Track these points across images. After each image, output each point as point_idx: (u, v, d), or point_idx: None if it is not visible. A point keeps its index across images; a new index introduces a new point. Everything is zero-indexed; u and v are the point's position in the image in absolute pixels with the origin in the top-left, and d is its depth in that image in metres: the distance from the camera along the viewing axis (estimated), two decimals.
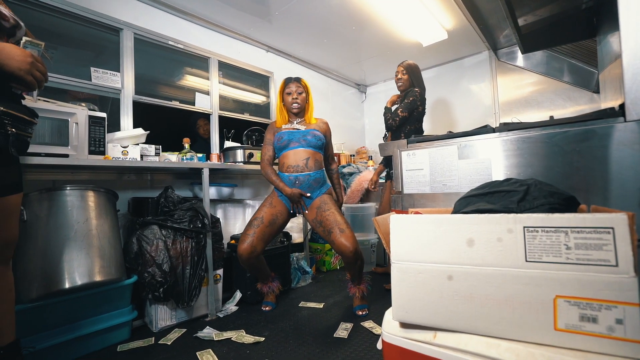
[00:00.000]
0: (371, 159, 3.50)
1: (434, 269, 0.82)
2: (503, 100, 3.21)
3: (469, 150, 1.14)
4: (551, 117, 1.04)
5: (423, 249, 0.84)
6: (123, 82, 1.99)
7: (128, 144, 1.69)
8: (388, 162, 2.46)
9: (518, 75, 3.12)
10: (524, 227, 0.74)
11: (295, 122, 1.99)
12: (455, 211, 0.93)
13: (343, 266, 2.98)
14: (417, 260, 0.84)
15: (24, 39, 0.98)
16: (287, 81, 1.98)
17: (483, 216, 0.78)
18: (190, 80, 2.41)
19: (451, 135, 1.19)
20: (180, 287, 1.73)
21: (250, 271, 1.94)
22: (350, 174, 3.11)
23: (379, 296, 2.13)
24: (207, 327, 1.74)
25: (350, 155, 3.64)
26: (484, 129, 1.11)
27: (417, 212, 1.00)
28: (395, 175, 1.31)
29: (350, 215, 2.89)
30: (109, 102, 1.99)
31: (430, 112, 3.56)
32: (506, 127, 1.07)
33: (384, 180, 2.71)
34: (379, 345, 1.03)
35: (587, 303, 0.68)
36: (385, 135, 2.50)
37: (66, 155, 1.43)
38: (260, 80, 2.96)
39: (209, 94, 2.47)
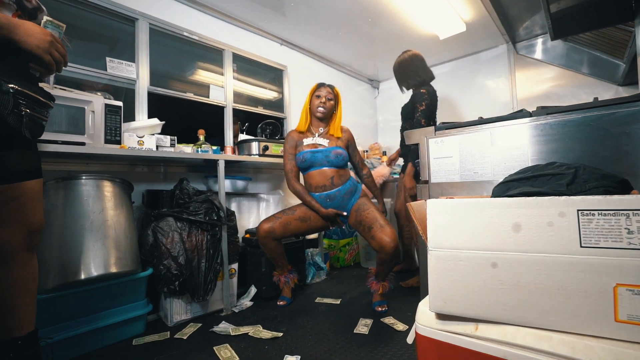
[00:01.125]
0: (385, 155, 3.44)
1: (477, 256, 0.77)
2: (522, 95, 3.13)
3: (503, 137, 1.08)
4: (595, 98, 0.98)
5: (464, 235, 0.78)
6: (138, 72, 1.97)
7: (144, 134, 1.66)
8: (406, 153, 2.41)
9: (537, 69, 3.04)
10: (578, 210, 0.68)
11: (317, 133, 1.96)
12: (495, 197, 0.88)
13: (358, 262, 2.93)
14: (457, 247, 0.79)
15: (45, 18, 0.95)
16: (320, 85, 1.97)
17: (531, 199, 0.72)
18: (204, 73, 2.39)
19: (483, 121, 1.13)
20: (196, 281, 1.69)
21: (267, 253, 1.91)
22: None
23: (397, 293, 2.07)
24: (223, 321, 1.70)
25: (364, 152, 3.58)
26: (520, 114, 1.06)
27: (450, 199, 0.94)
28: (422, 164, 1.26)
29: None
30: (123, 94, 1.97)
31: (445, 109, 3.48)
32: (544, 111, 1.01)
33: (397, 175, 2.66)
34: (410, 339, 0.97)
35: None
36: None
37: (82, 144, 1.40)
38: (273, 74, 2.92)
39: (223, 87, 2.44)
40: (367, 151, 3.64)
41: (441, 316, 0.83)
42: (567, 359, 0.66)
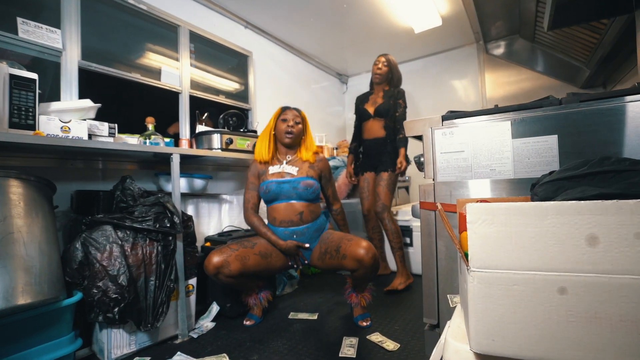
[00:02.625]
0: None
1: (538, 279, 0.58)
2: (490, 96, 3.15)
3: (526, 128, 0.92)
4: (637, 84, 0.86)
5: (520, 252, 0.59)
6: (65, 42, 1.56)
7: (71, 119, 1.28)
8: (355, 151, 2.46)
9: (505, 70, 3.07)
10: None
11: (285, 160, 1.71)
12: (543, 199, 0.70)
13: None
14: (510, 268, 0.59)
15: None
16: (284, 108, 1.74)
17: (611, 203, 0.55)
18: (155, 54, 2.01)
19: (501, 109, 0.97)
20: (142, 304, 1.35)
21: (224, 286, 1.61)
22: (336, 168, 2.85)
23: (378, 302, 1.89)
24: (178, 353, 1.38)
25: (333, 149, 3.39)
26: (547, 101, 0.90)
27: (483, 201, 0.75)
28: (427, 159, 1.07)
29: None
30: (45, 68, 1.54)
31: (415, 106, 3.41)
32: (576, 98, 0.86)
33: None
34: None
35: None
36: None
37: None
38: (237, 60, 2.60)
39: (179, 70, 2.08)
40: (336, 148, 3.45)
41: (484, 357, 0.63)
42: None
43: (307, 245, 1.61)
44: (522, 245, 0.59)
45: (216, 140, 1.83)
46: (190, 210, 1.84)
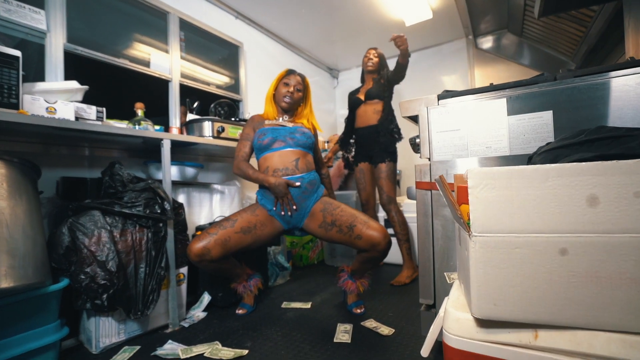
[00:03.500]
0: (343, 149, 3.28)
1: (539, 241, 0.58)
2: None
3: (522, 104, 0.93)
4: (631, 58, 0.87)
5: (521, 215, 0.59)
6: (49, 23, 1.50)
7: (57, 100, 1.23)
8: (344, 144, 2.44)
9: (495, 65, 3.12)
10: None
11: (281, 119, 1.69)
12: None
13: (322, 260, 2.71)
14: (512, 231, 0.59)
15: None
16: (289, 72, 1.70)
17: (611, 163, 0.55)
18: (144, 40, 1.96)
19: (496, 87, 0.98)
20: (132, 292, 1.31)
21: (211, 273, 1.58)
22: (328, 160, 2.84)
23: (370, 292, 1.88)
24: (170, 341, 1.35)
25: (325, 142, 3.38)
26: (542, 77, 0.92)
27: None
28: (423, 138, 1.07)
29: None
30: (28, 50, 1.48)
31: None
32: (571, 74, 0.88)
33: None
34: (425, 352, 0.77)
35: None
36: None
37: None
38: (228, 51, 2.56)
39: (169, 57, 2.03)
40: (327, 142, 3.44)
41: (484, 323, 0.63)
42: None
43: (297, 183, 1.51)
44: (523, 208, 0.59)
45: (207, 128, 1.80)
46: (181, 199, 1.80)
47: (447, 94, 1.04)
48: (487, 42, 3.13)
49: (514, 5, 2.46)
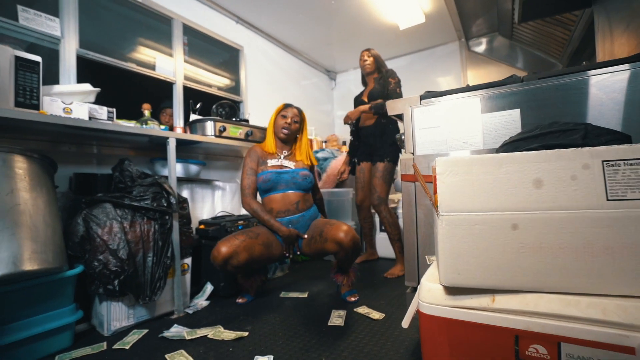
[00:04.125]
0: (345, 144, 3.39)
1: (494, 218, 0.68)
2: None
3: (493, 103, 1.04)
4: (585, 62, 0.98)
5: (480, 195, 0.70)
6: (63, 30, 1.61)
7: (72, 101, 1.34)
8: (353, 149, 2.44)
9: (486, 66, 3.23)
10: (603, 161, 0.63)
11: (282, 154, 1.80)
12: None
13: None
14: (472, 210, 0.70)
15: None
16: (287, 105, 1.84)
17: (553, 152, 0.66)
18: (150, 46, 2.07)
19: (471, 88, 1.08)
20: (141, 279, 1.42)
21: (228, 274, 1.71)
22: (325, 159, 2.95)
23: (365, 283, 1.99)
24: (175, 325, 1.45)
25: (322, 142, 3.49)
26: (510, 79, 1.02)
27: None
28: (407, 135, 1.17)
29: (325, 201, 2.72)
30: (44, 55, 1.59)
31: None
32: (536, 75, 0.98)
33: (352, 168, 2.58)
34: (406, 323, 0.87)
35: None
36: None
37: None
38: (229, 55, 2.67)
39: (173, 61, 2.14)
40: (325, 142, 3.55)
41: (451, 291, 0.74)
42: (599, 322, 0.60)
43: (305, 235, 1.67)
44: (481, 190, 0.70)
45: (210, 127, 1.90)
46: (185, 195, 1.91)
47: (429, 94, 1.14)
48: (479, 45, 3.24)
49: (503, 10, 2.57)
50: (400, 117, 1.21)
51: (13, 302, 1.12)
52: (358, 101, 2.35)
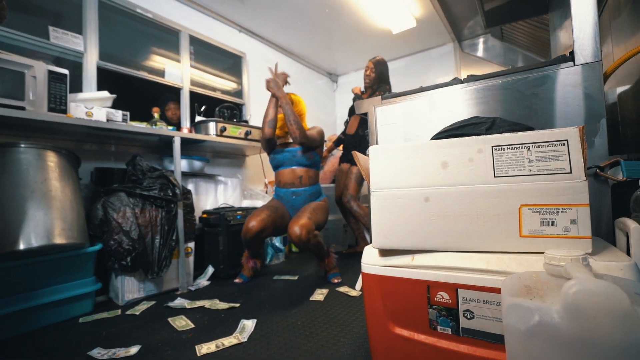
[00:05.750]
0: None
1: (412, 193, 0.86)
2: None
3: (440, 102, 1.21)
4: (512, 66, 1.13)
5: (401, 175, 0.88)
6: (86, 45, 1.88)
7: (93, 106, 1.59)
8: (339, 142, 2.81)
9: (480, 67, 3.34)
10: (492, 146, 0.80)
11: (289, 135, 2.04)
12: None
13: None
14: (395, 186, 0.88)
15: None
16: None
17: (456, 139, 0.84)
18: (159, 56, 2.33)
19: (423, 89, 1.25)
20: (150, 257, 1.65)
21: (248, 248, 1.94)
22: (325, 157, 3.14)
23: (353, 268, 2.17)
24: (179, 298, 1.68)
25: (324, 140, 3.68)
26: (453, 81, 1.19)
27: None
28: (371, 131, 1.35)
29: None
30: (71, 68, 1.86)
31: None
32: (472, 78, 1.15)
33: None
34: (358, 286, 1.05)
35: (547, 209, 0.75)
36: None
37: (22, 108, 1.32)
38: (232, 61, 2.91)
39: (180, 69, 2.40)
40: (326, 141, 3.74)
41: (383, 253, 0.92)
42: (483, 271, 0.77)
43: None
44: (402, 171, 0.88)
45: (212, 127, 2.13)
46: (190, 188, 2.14)
47: (388, 95, 1.32)
48: (472, 46, 3.36)
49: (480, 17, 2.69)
50: (365, 115, 1.39)
51: (46, 270, 1.37)
52: (351, 107, 2.62)
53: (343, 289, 1.75)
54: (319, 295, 1.67)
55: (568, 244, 0.73)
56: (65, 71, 1.47)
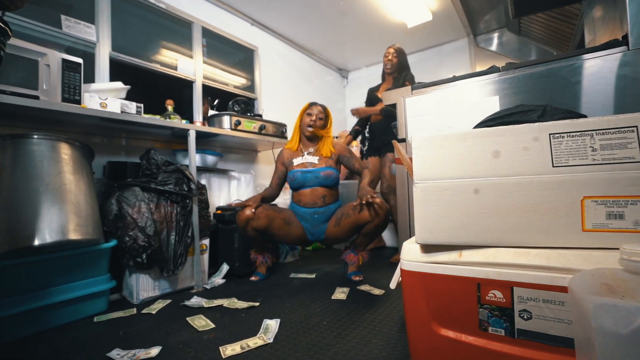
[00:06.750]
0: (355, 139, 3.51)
1: (460, 184, 0.80)
2: None
3: (476, 91, 1.15)
4: (555, 52, 1.07)
5: (448, 166, 0.82)
6: (98, 35, 1.83)
7: (107, 97, 1.54)
8: (357, 134, 2.64)
9: (494, 61, 3.27)
10: (550, 134, 0.74)
11: (306, 151, 1.95)
12: None
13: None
14: (441, 178, 0.82)
15: None
16: (312, 104, 1.98)
17: (508, 127, 0.77)
18: (172, 47, 2.27)
19: (456, 78, 1.19)
20: (165, 254, 1.60)
21: (248, 239, 1.87)
22: None
23: (369, 267, 2.11)
24: (195, 296, 1.63)
25: (334, 137, 3.62)
26: (490, 69, 1.13)
27: None
28: (400, 123, 1.30)
29: None
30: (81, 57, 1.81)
31: None
32: (512, 66, 1.08)
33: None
34: (393, 284, 1.00)
35: (614, 201, 0.69)
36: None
37: (36, 97, 1.27)
38: (244, 55, 2.85)
39: (192, 61, 2.34)
40: (337, 137, 3.68)
41: (426, 249, 0.86)
42: (543, 268, 0.71)
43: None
44: (449, 161, 0.82)
45: (226, 121, 2.08)
46: (203, 183, 2.09)
47: (419, 85, 1.26)
48: (487, 41, 3.29)
49: (507, 6, 2.62)
50: (394, 106, 1.33)
51: (60, 267, 1.32)
52: (372, 95, 2.48)
53: (365, 288, 1.69)
54: (341, 293, 1.61)
55: (638, 239, 0.67)
56: (80, 60, 1.42)
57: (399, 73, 2.40)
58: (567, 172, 0.72)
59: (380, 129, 2.38)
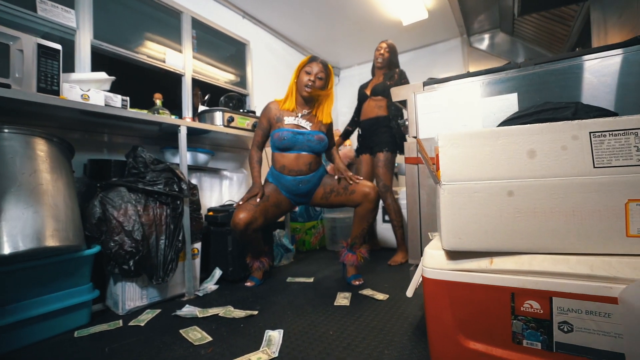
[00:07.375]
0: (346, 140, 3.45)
1: (492, 186, 0.74)
2: None
3: (492, 88, 1.10)
4: (577, 48, 1.03)
5: (478, 166, 0.75)
6: (79, 22, 1.67)
7: (89, 88, 1.40)
8: (347, 135, 2.55)
9: (488, 63, 3.27)
10: (590, 132, 0.69)
11: (300, 113, 1.76)
12: None
13: (324, 245, 2.86)
14: (471, 179, 0.76)
15: None
16: (312, 59, 1.70)
17: (545, 125, 0.72)
18: (160, 38, 2.13)
19: (471, 74, 1.14)
20: (154, 260, 1.47)
21: (244, 245, 1.76)
22: None
23: (368, 269, 2.04)
24: (187, 305, 1.51)
25: None
26: (509, 65, 1.08)
27: None
28: (410, 120, 1.23)
29: None
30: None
31: None
32: (532, 62, 1.04)
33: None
34: (410, 292, 0.93)
35: None
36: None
37: (7, 86, 1.13)
38: (235, 49, 2.73)
39: (182, 53, 2.21)
40: None
41: (452, 255, 0.79)
42: (586, 277, 0.65)
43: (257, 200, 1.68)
44: (480, 161, 0.75)
45: (218, 117, 1.96)
46: (194, 183, 1.96)
47: (431, 81, 1.20)
48: (480, 41, 3.29)
49: (504, 6, 2.62)
50: (403, 103, 1.26)
51: (36, 278, 1.18)
52: (361, 93, 2.42)
53: (367, 292, 1.62)
54: (343, 299, 1.54)
55: None
56: (58, 46, 1.28)
57: (389, 69, 2.35)
58: (609, 174, 0.67)
59: (370, 127, 2.34)
